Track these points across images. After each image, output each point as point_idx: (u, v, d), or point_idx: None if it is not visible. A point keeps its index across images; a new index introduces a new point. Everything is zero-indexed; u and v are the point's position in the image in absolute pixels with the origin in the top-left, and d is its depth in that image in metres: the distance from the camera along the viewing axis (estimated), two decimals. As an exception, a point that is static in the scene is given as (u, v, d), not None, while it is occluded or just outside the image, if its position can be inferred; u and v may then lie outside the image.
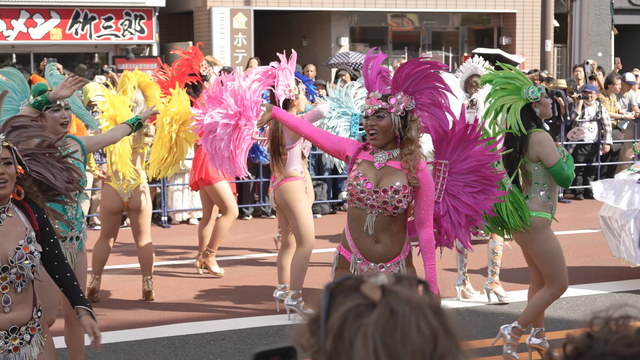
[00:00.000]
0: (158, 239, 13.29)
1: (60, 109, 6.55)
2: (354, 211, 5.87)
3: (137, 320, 8.98)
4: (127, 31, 23.15)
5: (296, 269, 8.74)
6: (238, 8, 24.05)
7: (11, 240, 4.73)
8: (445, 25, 28.52)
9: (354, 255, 5.88)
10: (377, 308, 1.73)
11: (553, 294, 7.27)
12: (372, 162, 5.87)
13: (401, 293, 1.75)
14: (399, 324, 1.71)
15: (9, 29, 22.13)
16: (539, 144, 7.02)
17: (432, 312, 1.75)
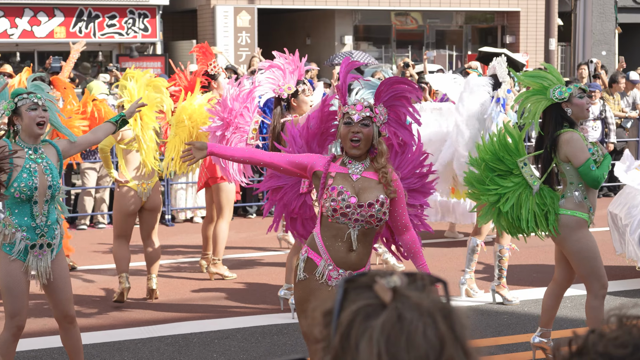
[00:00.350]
0: (162, 237, 13.28)
1: (38, 108, 6.46)
2: (333, 225, 5.72)
3: (141, 318, 8.99)
4: (130, 29, 23.16)
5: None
6: (242, 6, 24.06)
7: None
8: (449, 23, 28.51)
9: (324, 260, 5.78)
10: (386, 311, 1.73)
11: (596, 296, 7.11)
12: (347, 174, 5.75)
13: (412, 297, 1.75)
14: (405, 330, 1.71)
15: (13, 27, 22.15)
16: (567, 144, 6.96)
17: (442, 317, 1.74)
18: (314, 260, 5.77)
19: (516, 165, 7.10)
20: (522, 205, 7.07)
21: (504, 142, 7.12)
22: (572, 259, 7.12)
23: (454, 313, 1.77)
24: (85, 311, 9.25)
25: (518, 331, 8.41)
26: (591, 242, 7.06)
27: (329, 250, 5.73)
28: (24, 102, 6.49)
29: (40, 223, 6.46)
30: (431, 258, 11.45)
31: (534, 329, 8.38)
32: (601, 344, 1.75)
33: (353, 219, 5.65)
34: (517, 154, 7.11)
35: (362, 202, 5.63)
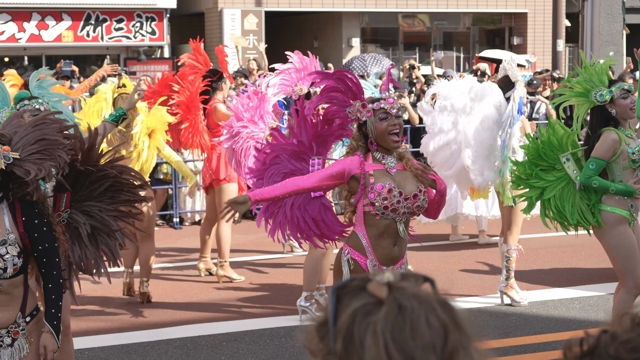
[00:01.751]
0: (170, 240, 13.31)
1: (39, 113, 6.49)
2: (381, 222, 5.80)
3: (149, 321, 9.00)
4: (138, 33, 23.19)
5: (308, 271, 8.73)
6: (249, 9, 24.07)
7: None
8: (457, 25, 28.49)
9: (370, 261, 5.84)
10: (385, 305, 1.73)
11: (629, 291, 7.15)
12: (385, 170, 5.83)
13: (408, 289, 1.75)
14: (408, 319, 1.71)
15: (20, 32, 22.20)
16: (600, 139, 7.06)
17: (440, 306, 1.75)
18: (359, 261, 5.84)
19: (559, 160, 7.21)
20: (566, 199, 7.14)
21: (546, 139, 7.23)
22: (609, 254, 7.22)
23: (450, 303, 1.79)
24: (93, 314, 9.26)
25: (526, 333, 8.40)
26: (629, 239, 7.11)
27: (375, 250, 5.80)
28: (26, 108, 6.47)
29: None
30: (437, 260, 11.44)
31: (542, 331, 8.37)
32: (613, 347, 1.74)
33: (401, 212, 5.74)
34: (560, 150, 7.23)
35: (407, 194, 5.75)
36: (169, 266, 11.46)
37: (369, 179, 5.75)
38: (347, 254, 5.88)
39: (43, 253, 4.87)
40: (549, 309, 9.13)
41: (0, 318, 4.83)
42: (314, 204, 6.34)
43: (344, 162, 5.84)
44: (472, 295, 9.72)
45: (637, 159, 7.05)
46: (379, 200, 5.70)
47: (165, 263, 11.65)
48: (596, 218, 7.10)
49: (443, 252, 11.94)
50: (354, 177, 5.79)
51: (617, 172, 7.07)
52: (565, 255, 11.52)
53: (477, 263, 11.27)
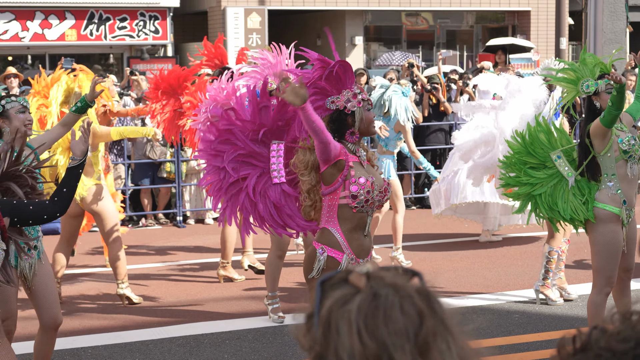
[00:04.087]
0: (174, 239, 13.33)
1: (26, 110, 6.51)
2: (355, 215, 5.79)
3: (152, 319, 9.01)
4: (141, 32, 23.21)
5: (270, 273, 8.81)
6: (252, 8, 24.09)
7: None
8: (460, 23, 28.48)
9: (346, 255, 5.82)
10: (361, 293, 1.76)
11: (599, 291, 7.08)
12: (359, 162, 5.85)
13: (386, 278, 1.78)
14: (381, 306, 1.73)
15: (24, 30, 22.22)
16: (592, 128, 7.01)
17: (418, 294, 1.77)
18: (335, 257, 5.79)
19: (549, 158, 7.17)
20: (559, 196, 7.11)
21: (535, 136, 7.19)
22: (592, 249, 7.16)
23: (431, 293, 1.80)
24: (96, 312, 9.28)
25: (529, 330, 8.40)
26: (615, 239, 7.05)
27: (350, 243, 5.78)
28: (12, 104, 6.51)
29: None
30: (440, 258, 11.45)
31: (545, 329, 8.38)
32: (604, 339, 1.75)
33: (375, 205, 5.77)
34: (550, 147, 7.19)
35: (380, 188, 5.76)
36: (172, 265, 11.47)
37: (350, 171, 5.74)
38: (323, 252, 5.82)
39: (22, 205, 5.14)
40: (552, 307, 9.13)
41: None
42: (275, 190, 6.19)
43: (336, 143, 5.70)
44: (475, 292, 9.73)
45: (627, 149, 7.03)
46: (362, 194, 5.70)
47: (169, 262, 11.66)
48: (590, 212, 7.07)
49: (447, 251, 11.95)
50: (339, 162, 5.69)
51: (610, 165, 7.04)
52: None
53: (480, 261, 11.28)
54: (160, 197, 14.82)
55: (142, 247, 12.62)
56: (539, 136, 7.23)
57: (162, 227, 14.36)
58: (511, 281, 10.24)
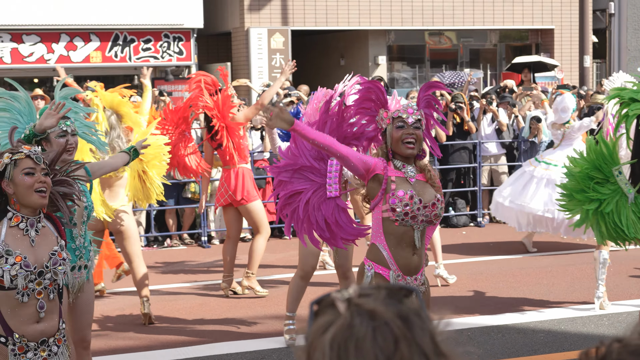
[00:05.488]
0: (198, 258, 13.36)
1: (66, 134, 6.43)
2: (399, 229, 5.83)
3: (176, 339, 9.02)
4: (165, 53, 23.32)
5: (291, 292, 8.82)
6: (275, 28, 24.16)
7: (45, 247, 4.90)
8: (483, 42, 28.46)
9: (393, 272, 5.85)
10: (336, 322, 1.75)
11: None
12: (404, 178, 5.89)
13: (364, 305, 1.76)
14: (354, 337, 1.72)
15: (49, 53, 22.38)
16: None
17: (398, 319, 1.74)
18: (383, 274, 5.84)
19: (612, 173, 7.12)
20: (620, 212, 7.05)
21: (599, 151, 7.15)
22: None
23: (416, 316, 1.77)
24: (120, 332, 9.30)
25: (554, 350, 8.36)
26: None
27: (396, 259, 5.81)
28: (53, 129, 6.48)
29: (79, 245, 6.46)
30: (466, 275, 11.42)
31: (570, 347, 8.34)
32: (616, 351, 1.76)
33: (420, 220, 5.78)
34: (612, 163, 7.13)
35: (426, 202, 5.80)
36: (196, 284, 11.49)
37: (390, 185, 5.81)
38: (371, 268, 5.89)
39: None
40: (578, 326, 9.09)
41: (52, 327, 4.95)
42: (329, 204, 6.29)
43: (372, 158, 5.88)
44: (500, 312, 9.69)
45: None
46: (400, 206, 5.75)
47: (193, 282, 11.68)
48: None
49: (471, 270, 11.92)
50: (376, 176, 5.81)
51: None
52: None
53: (505, 280, 11.24)
54: (185, 218, 14.87)
55: (167, 267, 12.65)
56: (602, 151, 7.16)
57: (187, 247, 14.40)
58: (536, 300, 10.20)
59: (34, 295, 4.82)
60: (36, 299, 4.83)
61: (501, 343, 8.57)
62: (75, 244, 6.43)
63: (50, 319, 4.91)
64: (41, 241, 4.90)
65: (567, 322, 9.22)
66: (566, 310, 9.70)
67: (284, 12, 24.40)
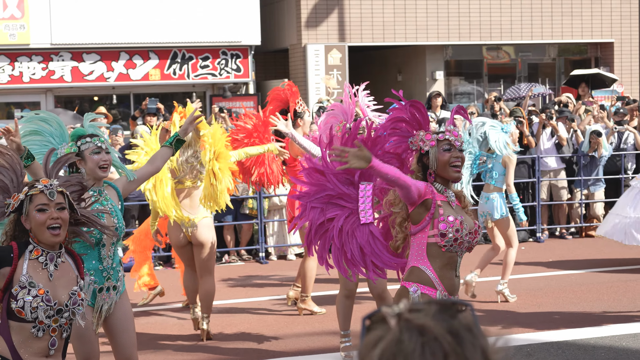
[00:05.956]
0: (256, 275, 13.38)
1: (101, 151, 6.46)
2: (445, 254, 5.76)
3: (235, 356, 9.03)
4: (223, 70, 23.46)
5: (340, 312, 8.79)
6: (332, 44, 24.21)
7: (65, 285, 4.87)
8: (542, 56, 28.26)
9: (439, 292, 5.79)
10: (386, 337, 1.74)
11: None
12: (448, 202, 5.82)
13: (414, 320, 1.75)
14: (402, 352, 1.71)
15: (109, 71, 22.63)
16: None
17: (448, 334, 1.73)
18: (429, 294, 5.76)
19: None
20: None
21: None
22: None
23: (468, 332, 1.76)
24: (179, 348, 9.33)
25: (616, 366, 8.25)
26: None
27: (442, 281, 5.75)
28: (87, 145, 6.51)
29: (107, 266, 6.42)
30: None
31: None
32: None
33: (464, 246, 5.73)
34: None
35: (470, 229, 5.72)
36: (254, 300, 11.51)
37: (439, 209, 5.71)
38: (417, 291, 5.81)
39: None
40: (639, 342, 8.96)
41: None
42: (363, 231, 6.17)
43: (422, 183, 5.74)
44: (560, 327, 9.58)
45: None
46: (451, 232, 5.66)
47: (251, 297, 11.71)
48: None
49: (531, 285, 11.80)
50: (425, 202, 5.71)
51: None
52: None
53: (565, 295, 11.12)
54: (242, 234, 14.92)
55: (225, 283, 12.69)
56: None
57: (244, 263, 14.44)
58: (597, 315, 10.07)
59: (48, 332, 4.81)
60: (50, 336, 4.82)
61: (561, 359, 8.46)
62: (103, 265, 6.39)
63: (57, 357, 4.91)
64: (61, 277, 4.88)
65: (629, 338, 9.09)
66: (627, 326, 9.56)
67: (341, 28, 24.45)
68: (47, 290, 4.77)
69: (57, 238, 4.84)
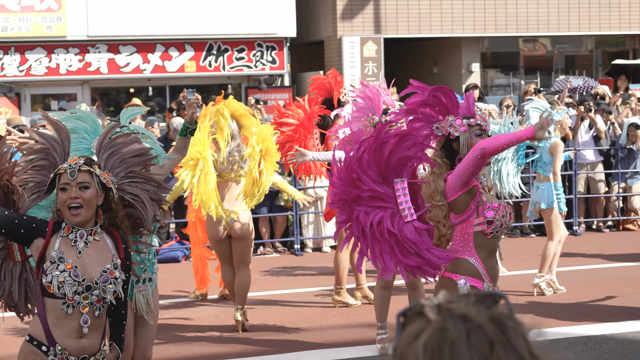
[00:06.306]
0: (291, 266, 13.39)
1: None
2: (490, 241, 5.72)
3: (270, 347, 9.03)
4: (259, 62, 23.48)
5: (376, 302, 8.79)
6: (368, 36, 24.16)
7: (97, 262, 4.84)
8: (579, 48, 28.05)
9: (486, 284, 5.74)
10: (429, 328, 1.74)
11: None
12: (483, 188, 5.78)
13: (456, 309, 1.76)
14: (447, 340, 1.71)
15: (145, 63, 22.71)
16: None
17: (490, 322, 1.73)
18: (477, 287, 5.71)
19: None
20: None
21: None
22: None
23: (509, 320, 1.76)
24: (215, 339, 9.35)
25: (654, 360, 8.18)
26: None
27: (488, 271, 5.70)
28: None
29: (144, 257, 6.47)
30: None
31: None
32: None
33: (504, 231, 5.70)
34: None
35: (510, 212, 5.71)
36: (289, 292, 11.51)
37: (482, 197, 5.66)
38: (466, 283, 5.74)
39: (127, 281, 5.05)
40: (678, 337, 8.87)
41: (94, 345, 4.91)
42: (409, 228, 5.98)
43: None
44: (597, 321, 9.51)
45: None
46: (498, 218, 5.60)
47: (286, 289, 11.71)
48: None
49: (568, 279, 11.72)
50: (472, 188, 5.65)
51: None
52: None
53: (602, 289, 11.04)
54: (277, 226, 14.93)
55: (260, 274, 12.70)
56: None
57: (279, 255, 14.45)
58: (635, 309, 9.98)
59: (78, 309, 4.79)
60: (80, 313, 4.80)
61: (599, 353, 8.40)
62: (140, 256, 6.43)
63: (93, 337, 4.89)
64: (93, 254, 4.87)
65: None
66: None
67: (376, 20, 24.38)
68: (76, 266, 4.77)
69: (77, 218, 4.83)
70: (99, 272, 4.80)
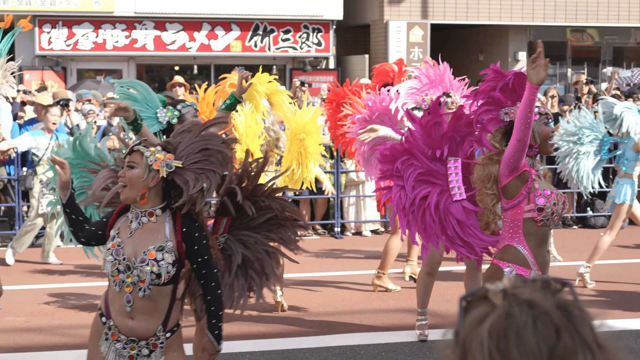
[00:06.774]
0: (331, 249, 13.38)
1: (197, 115, 6.76)
2: (540, 229, 5.67)
3: (308, 329, 9.05)
4: (304, 44, 23.47)
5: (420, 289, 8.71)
6: (415, 22, 24.07)
7: (144, 243, 4.78)
8: (627, 40, 27.77)
9: (533, 272, 5.69)
10: (494, 313, 1.73)
11: None
12: (538, 176, 5.73)
13: (522, 295, 1.74)
14: (513, 325, 1.70)
15: (191, 41, 22.77)
16: None
17: (557, 309, 1.72)
18: (524, 275, 5.66)
19: None
20: None
21: None
22: None
23: (576, 308, 1.74)
24: (254, 320, 9.37)
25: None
26: None
27: (537, 260, 5.66)
28: (187, 109, 6.63)
29: None
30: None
31: None
32: None
33: (556, 219, 5.65)
34: None
35: (564, 200, 5.66)
36: (329, 275, 11.51)
37: (534, 184, 5.61)
38: (512, 271, 5.70)
39: (202, 265, 4.91)
40: None
41: (143, 329, 4.84)
42: (456, 207, 6.03)
43: None
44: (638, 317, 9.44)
45: None
46: (549, 206, 5.55)
47: (326, 272, 11.71)
48: None
49: (612, 271, 11.63)
50: (523, 174, 5.60)
51: None
52: None
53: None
54: (317, 208, 14.93)
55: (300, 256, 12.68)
56: None
57: (319, 238, 14.45)
58: (678, 306, 9.90)
59: (123, 288, 4.77)
60: (124, 292, 4.77)
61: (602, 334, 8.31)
62: None
63: (142, 320, 4.82)
64: (143, 235, 4.80)
65: None
66: None
67: (424, 5, 24.27)
68: (120, 245, 4.76)
69: (121, 196, 4.80)
70: (141, 253, 4.79)
